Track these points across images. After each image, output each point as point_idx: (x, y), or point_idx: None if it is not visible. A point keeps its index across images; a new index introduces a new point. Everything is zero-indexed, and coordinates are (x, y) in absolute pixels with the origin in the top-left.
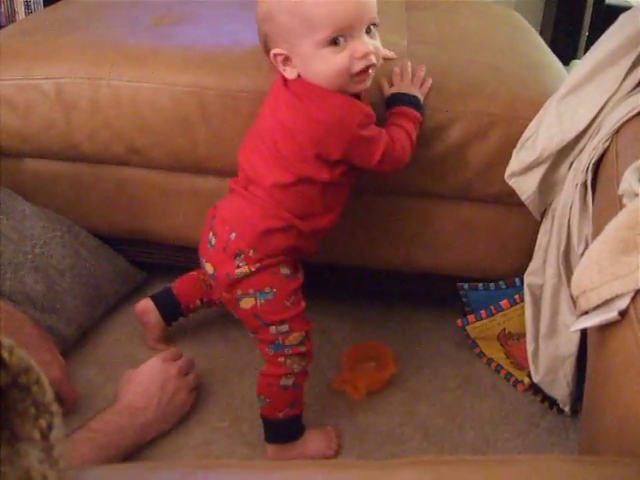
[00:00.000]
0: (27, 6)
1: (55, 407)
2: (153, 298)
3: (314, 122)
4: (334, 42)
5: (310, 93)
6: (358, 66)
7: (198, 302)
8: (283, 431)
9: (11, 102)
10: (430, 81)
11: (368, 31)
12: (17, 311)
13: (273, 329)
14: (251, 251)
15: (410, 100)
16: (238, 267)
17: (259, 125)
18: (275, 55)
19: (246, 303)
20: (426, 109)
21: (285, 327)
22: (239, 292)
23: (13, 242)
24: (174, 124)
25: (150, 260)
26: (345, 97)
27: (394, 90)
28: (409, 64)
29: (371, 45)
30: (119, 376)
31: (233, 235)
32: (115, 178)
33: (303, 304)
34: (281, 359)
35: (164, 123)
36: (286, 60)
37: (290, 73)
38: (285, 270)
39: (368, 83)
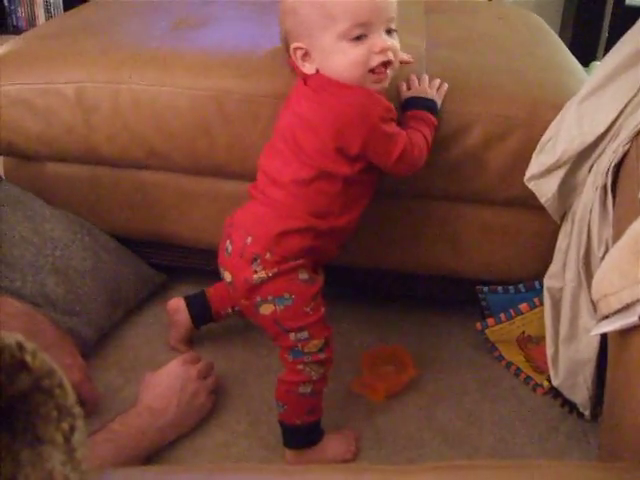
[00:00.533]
0: (47, 10)
1: (77, 410)
2: (186, 298)
3: (334, 114)
4: (354, 36)
5: (329, 86)
6: (376, 60)
7: (229, 310)
8: (301, 437)
9: (32, 106)
10: (446, 86)
11: (388, 32)
12: (38, 313)
13: (292, 336)
14: (267, 254)
15: (426, 104)
16: (255, 272)
17: (279, 125)
18: (295, 49)
19: (265, 309)
20: (445, 112)
21: (305, 334)
22: (258, 298)
23: (34, 245)
24: (194, 128)
25: (170, 263)
26: (365, 89)
27: (411, 93)
28: (426, 76)
29: (390, 42)
30: (139, 378)
31: (249, 239)
32: (135, 181)
33: (323, 309)
34: (300, 366)
35: (184, 127)
36: (305, 55)
37: (309, 68)
38: (304, 275)
39: (385, 84)
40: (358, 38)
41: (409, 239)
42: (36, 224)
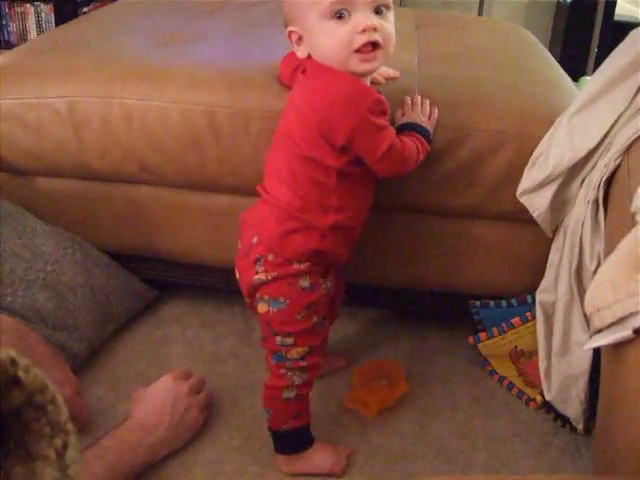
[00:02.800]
0: (39, 25)
1: (70, 426)
2: None
3: (321, 100)
4: (338, 15)
5: (319, 72)
6: (359, 41)
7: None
8: (289, 442)
9: (23, 121)
10: (437, 112)
11: (378, 12)
12: (29, 329)
13: (278, 339)
14: (270, 255)
15: (419, 130)
16: (257, 273)
17: (281, 120)
18: (290, 33)
19: (261, 308)
20: (437, 126)
21: (290, 340)
22: (257, 296)
23: (25, 260)
24: (185, 142)
25: (161, 278)
26: (356, 79)
27: (404, 120)
28: (419, 97)
29: (376, 22)
30: (130, 394)
31: (255, 239)
32: (126, 196)
33: (315, 319)
34: (282, 371)
35: (175, 141)
36: (299, 39)
37: (302, 52)
38: (304, 282)
39: (375, 65)
40: (340, 17)
41: (401, 254)
42: (27, 239)
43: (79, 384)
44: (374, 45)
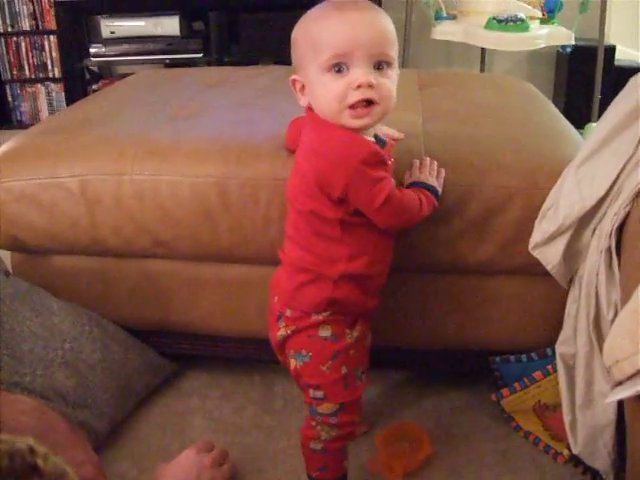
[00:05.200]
0: (50, 104)
1: None
2: None
3: (316, 155)
4: (337, 69)
5: (317, 126)
6: (353, 97)
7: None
8: None
9: (37, 201)
10: (444, 172)
11: (378, 67)
12: (49, 409)
13: (311, 392)
14: (288, 311)
15: (427, 187)
16: (279, 329)
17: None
18: (293, 81)
19: (291, 364)
20: (445, 185)
21: (320, 393)
22: (286, 353)
23: (43, 339)
24: (196, 215)
25: (179, 350)
26: (350, 133)
27: (413, 179)
28: (427, 159)
29: (373, 79)
30: (153, 469)
31: (276, 298)
32: (141, 271)
33: (344, 370)
34: (312, 423)
35: (187, 214)
36: (302, 88)
37: (303, 101)
38: (325, 332)
39: (368, 121)
40: (339, 71)
41: (417, 314)
42: (44, 318)
43: (101, 462)
44: (369, 102)
